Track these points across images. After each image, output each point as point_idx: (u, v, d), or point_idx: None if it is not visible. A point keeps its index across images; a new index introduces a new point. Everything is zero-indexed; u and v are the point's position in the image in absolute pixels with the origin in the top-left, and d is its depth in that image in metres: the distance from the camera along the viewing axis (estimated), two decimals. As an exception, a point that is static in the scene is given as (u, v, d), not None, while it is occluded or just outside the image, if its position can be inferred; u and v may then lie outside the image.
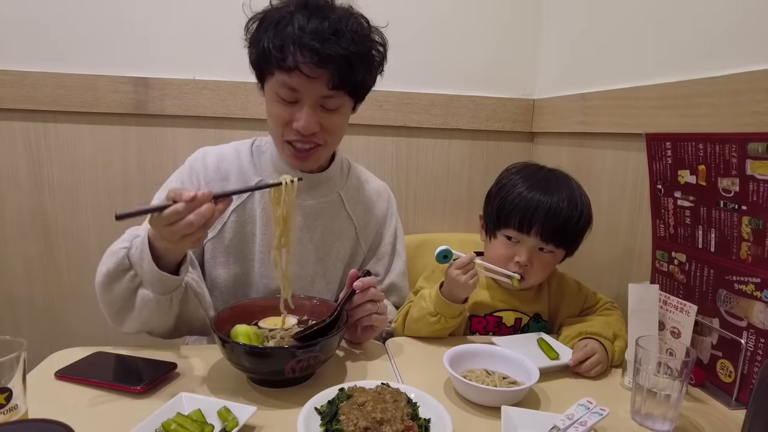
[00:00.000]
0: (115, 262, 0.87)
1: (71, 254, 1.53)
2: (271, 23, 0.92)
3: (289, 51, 0.90)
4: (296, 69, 0.90)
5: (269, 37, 0.91)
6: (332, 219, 1.11)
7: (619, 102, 1.23)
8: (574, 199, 1.02)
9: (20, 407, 0.63)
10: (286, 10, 0.93)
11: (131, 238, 0.90)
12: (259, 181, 1.06)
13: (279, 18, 0.92)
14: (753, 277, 0.81)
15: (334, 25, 0.90)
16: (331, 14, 0.92)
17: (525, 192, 1.02)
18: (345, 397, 0.73)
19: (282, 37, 0.91)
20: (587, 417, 0.71)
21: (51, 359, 0.90)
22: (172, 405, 0.71)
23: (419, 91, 1.58)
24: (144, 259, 0.84)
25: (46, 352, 0.92)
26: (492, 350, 0.91)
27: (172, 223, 0.75)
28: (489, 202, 1.10)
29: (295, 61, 0.90)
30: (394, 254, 1.21)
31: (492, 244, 1.08)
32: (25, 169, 1.47)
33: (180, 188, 0.76)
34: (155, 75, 1.44)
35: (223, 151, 1.10)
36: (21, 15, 1.38)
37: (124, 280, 0.88)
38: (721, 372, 0.88)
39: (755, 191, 0.79)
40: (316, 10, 0.92)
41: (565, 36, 1.52)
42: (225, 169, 1.07)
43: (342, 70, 0.91)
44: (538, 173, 1.07)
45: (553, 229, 1.00)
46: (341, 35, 0.90)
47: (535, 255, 1.04)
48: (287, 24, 0.91)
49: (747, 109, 0.88)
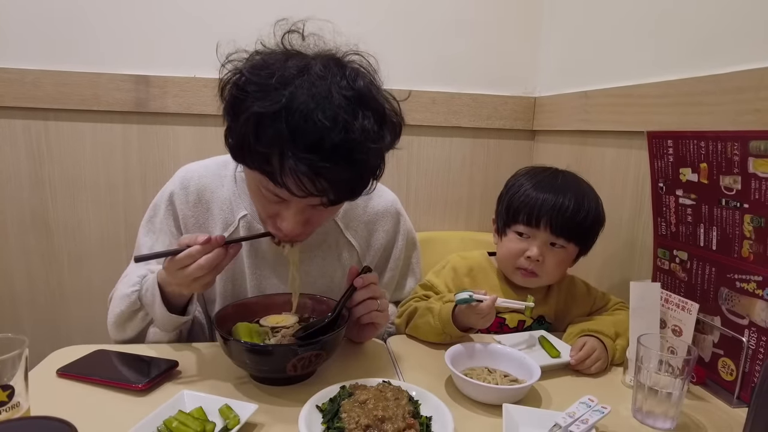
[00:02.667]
0: (128, 304, 0.92)
1: (72, 252, 1.53)
2: (253, 114, 0.71)
3: (277, 166, 0.71)
4: (284, 187, 0.74)
5: (250, 136, 0.72)
6: (331, 248, 1.04)
7: (621, 100, 1.22)
8: (581, 195, 1.03)
9: (22, 405, 0.63)
10: (275, 98, 0.69)
11: (139, 280, 0.94)
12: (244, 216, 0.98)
13: (264, 112, 0.70)
14: (755, 275, 0.81)
15: (337, 133, 0.69)
16: (333, 109, 0.69)
17: (531, 190, 1.03)
18: (346, 395, 0.73)
19: (268, 144, 0.71)
20: (589, 415, 0.71)
21: (52, 357, 0.90)
22: (174, 403, 0.71)
23: (420, 89, 1.58)
24: (155, 303, 0.87)
25: (48, 349, 0.92)
26: (493, 348, 0.91)
27: (185, 266, 0.77)
28: (499, 203, 1.12)
29: (283, 181, 0.73)
30: (404, 274, 1.15)
31: (503, 241, 1.08)
32: (26, 167, 1.47)
33: (193, 234, 0.79)
34: (156, 73, 1.44)
35: (204, 180, 1.00)
36: (22, 13, 1.38)
37: (136, 320, 0.93)
38: (723, 370, 0.88)
39: (757, 189, 0.79)
40: (314, 102, 0.69)
41: (567, 34, 1.52)
42: (207, 200, 0.99)
43: (341, 193, 0.77)
44: (545, 173, 1.08)
45: (561, 223, 1.01)
46: (345, 151, 0.70)
47: (547, 250, 1.03)
48: (275, 126, 0.69)
49: (749, 106, 0.88)
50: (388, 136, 0.78)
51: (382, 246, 1.09)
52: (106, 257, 1.54)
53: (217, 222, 0.99)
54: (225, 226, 0.99)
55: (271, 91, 0.70)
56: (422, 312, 1.01)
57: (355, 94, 0.72)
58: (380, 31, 1.51)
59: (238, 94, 0.74)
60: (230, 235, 0.98)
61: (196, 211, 1.00)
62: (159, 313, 0.88)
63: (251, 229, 0.98)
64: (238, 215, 0.99)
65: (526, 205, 1.03)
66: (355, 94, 0.72)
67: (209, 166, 1.03)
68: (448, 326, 0.96)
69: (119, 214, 1.53)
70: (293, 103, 0.69)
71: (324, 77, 0.71)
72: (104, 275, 1.54)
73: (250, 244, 0.99)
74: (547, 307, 1.11)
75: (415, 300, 1.07)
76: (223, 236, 0.80)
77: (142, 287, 0.92)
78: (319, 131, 0.69)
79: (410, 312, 1.04)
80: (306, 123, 0.69)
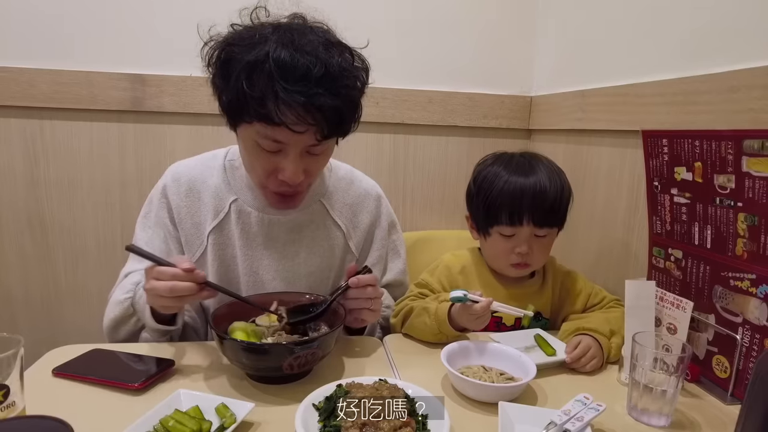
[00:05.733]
0: (121, 310, 0.96)
1: (68, 251, 1.52)
2: (243, 66, 0.80)
3: (273, 105, 0.80)
4: (282, 125, 0.82)
5: (243, 84, 0.80)
6: (317, 228, 1.07)
7: (616, 99, 1.23)
8: (553, 176, 1.04)
9: (18, 404, 0.63)
10: (259, 49, 0.80)
11: (132, 287, 0.98)
12: (235, 200, 1.02)
13: (253, 60, 0.80)
14: (748, 274, 0.82)
15: (320, 66, 0.80)
16: (312, 49, 0.81)
17: (505, 186, 1.03)
18: (343, 393, 0.73)
19: (261, 88, 0.80)
20: (584, 412, 0.71)
21: (48, 356, 0.90)
22: (170, 402, 0.71)
23: (416, 88, 1.58)
24: (145, 311, 0.92)
25: (44, 349, 0.92)
26: (489, 346, 0.92)
27: (157, 279, 0.81)
28: (471, 202, 1.11)
29: (280, 117, 0.81)
30: (389, 256, 1.17)
31: (488, 242, 1.09)
32: (21, 166, 1.46)
33: (186, 258, 0.83)
34: (152, 72, 1.44)
35: (194, 171, 1.05)
36: (17, 11, 1.37)
37: (129, 324, 0.97)
38: (717, 368, 0.88)
39: (751, 188, 0.80)
40: (293, 46, 0.80)
41: (562, 33, 1.52)
42: (197, 190, 1.03)
43: (332, 122, 0.84)
44: (510, 162, 1.07)
45: (543, 213, 1.02)
46: (330, 81, 0.81)
47: (534, 241, 1.05)
48: (264, 69, 0.79)
49: (743, 106, 0.88)
50: (361, 74, 0.89)
51: (366, 227, 1.13)
52: (102, 256, 1.53)
53: (209, 210, 1.03)
54: (216, 213, 1.02)
55: (256, 44, 0.81)
56: (418, 312, 1.01)
57: (326, 41, 0.84)
58: (377, 31, 1.51)
59: (226, 56, 0.84)
60: (221, 221, 1.02)
61: (188, 201, 1.03)
62: (148, 320, 0.92)
63: (242, 213, 1.02)
64: (229, 201, 1.03)
65: (505, 205, 1.02)
66: (325, 40, 0.84)
67: (198, 160, 1.09)
68: (443, 326, 0.96)
69: (115, 213, 1.52)
70: (277, 48, 0.79)
71: (298, 29, 0.84)
72: (100, 274, 1.53)
73: (241, 227, 1.02)
74: (542, 301, 1.12)
75: (410, 299, 1.07)
76: (205, 275, 0.84)
77: (135, 294, 0.96)
78: (304, 66, 0.79)
79: (406, 312, 1.04)
80: (292, 61, 0.79)
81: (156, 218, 1.04)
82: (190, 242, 1.03)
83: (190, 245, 1.03)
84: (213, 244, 1.02)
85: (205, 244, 1.02)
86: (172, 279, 0.80)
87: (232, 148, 1.08)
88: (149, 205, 1.06)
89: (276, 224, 1.03)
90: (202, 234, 1.02)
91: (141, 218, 1.06)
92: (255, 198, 1.02)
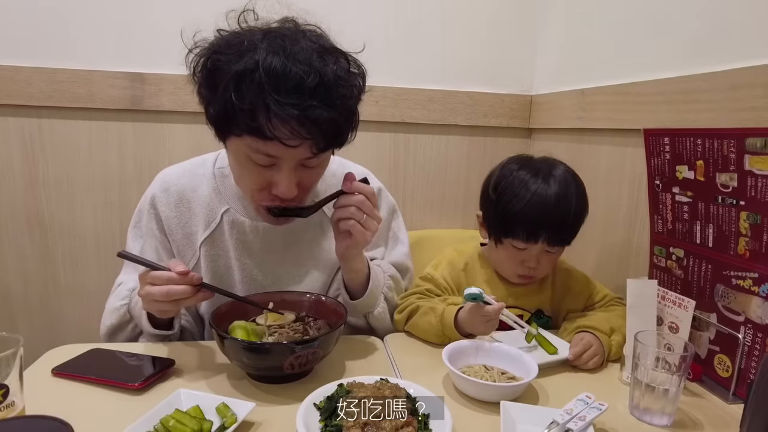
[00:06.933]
0: (118, 318, 0.96)
1: (67, 250, 1.52)
2: (231, 76, 0.74)
3: (264, 119, 0.74)
4: (274, 139, 0.76)
5: (232, 96, 0.74)
6: (314, 230, 1.05)
7: (617, 98, 1.23)
8: (578, 199, 1.01)
9: (17, 404, 0.63)
10: (248, 57, 0.74)
11: (128, 293, 0.98)
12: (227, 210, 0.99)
13: (242, 70, 0.74)
14: (750, 272, 0.82)
15: (314, 76, 0.74)
16: (305, 57, 0.75)
17: (526, 206, 0.98)
18: (344, 393, 0.72)
19: (251, 100, 0.74)
20: (586, 412, 0.71)
21: (48, 356, 0.89)
22: (171, 401, 0.71)
23: (417, 87, 1.58)
24: (142, 317, 0.92)
25: (43, 349, 0.91)
26: (491, 346, 0.91)
27: (152, 284, 0.80)
28: (488, 207, 1.07)
29: (272, 132, 0.75)
30: (390, 242, 1.15)
31: (499, 249, 1.07)
32: (19, 165, 1.45)
33: (180, 262, 0.81)
34: (151, 70, 1.43)
35: (183, 180, 1.01)
36: (14, 10, 1.36)
37: (126, 331, 0.97)
38: (719, 367, 0.88)
39: (753, 186, 0.79)
40: (285, 54, 0.74)
41: (563, 32, 1.52)
42: (188, 200, 1.00)
43: (328, 134, 0.79)
44: (536, 176, 1.01)
45: (558, 237, 1.01)
46: (325, 91, 0.75)
47: (543, 256, 1.04)
48: (254, 79, 0.73)
49: (745, 104, 0.88)
50: (357, 81, 0.83)
51: None
52: (101, 256, 1.53)
53: (200, 220, 1.01)
54: (207, 223, 1.00)
55: (244, 53, 0.75)
56: (424, 311, 1.00)
57: (319, 47, 0.78)
58: (377, 30, 1.51)
59: (213, 65, 0.78)
60: (213, 232, 0.99)
61: (178, 212, 1.01)
62: (145, 326, 0.92)
63: (235, 223, 1.00)
64: (220, 211, 1.00)
65: (523, 222, 0.99)
66: (319, 46, 0.79)
67: (187, 167, 1.04)
68: (448, 329, 0.96)
69: (114, 212, 1.52)
70: (268, 56, 0.74)
71: (289, 35, 0.78)
72: (99, 274, 1.53)
73: (235, 236, 1.00)
74: (543, 298, 1.12)
75: (416, 296, 1.07)
76: (200, 277, 0.82)
77: (131, 300, 0.96)
78: (296, 76, 0.73)
79: (411, 309, 1.04)
80: (283, 70, 0.73)
81: (146, 228, 1.02)
82: (182, 252, 1.01)
83: (183, 256, 1.01)
84: (206, 254, 1.00)
85: (198, 254, 1.00)
86: (167, 283, 0.79)
87: (222, 153, 1.03)
88: (139, 214, 1.03)
89: (271, 232, 1.01)
90: (194, 244, 1.01)
91: (132, 228, 1.03)
92: (247, 207, 0.99)
